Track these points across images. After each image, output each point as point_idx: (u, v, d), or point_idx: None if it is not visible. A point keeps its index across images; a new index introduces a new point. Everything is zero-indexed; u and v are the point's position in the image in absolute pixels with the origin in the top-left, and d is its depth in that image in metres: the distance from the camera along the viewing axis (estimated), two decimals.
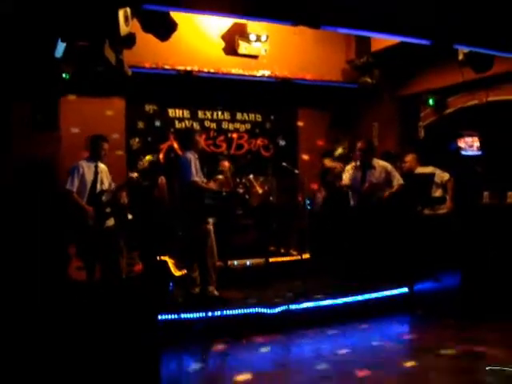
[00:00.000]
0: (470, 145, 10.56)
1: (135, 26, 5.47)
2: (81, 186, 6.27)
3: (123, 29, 4.55)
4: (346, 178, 7.26)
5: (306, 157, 9.78)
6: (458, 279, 7.03)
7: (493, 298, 6.66)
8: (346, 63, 9.06)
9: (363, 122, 9.69)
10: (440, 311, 6.68)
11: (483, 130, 9.44)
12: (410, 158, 7.78)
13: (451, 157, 9.87)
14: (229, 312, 6.06)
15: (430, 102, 8.86)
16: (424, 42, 5.86)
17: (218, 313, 6.00)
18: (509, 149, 8.41)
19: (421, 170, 7.67)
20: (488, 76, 7.11)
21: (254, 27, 8.02)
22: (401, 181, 7.13)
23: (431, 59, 8.19)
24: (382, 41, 8.34)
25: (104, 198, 6.38)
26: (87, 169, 6.35)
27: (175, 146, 8.94)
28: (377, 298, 6.81)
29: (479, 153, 10.16)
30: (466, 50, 6.64)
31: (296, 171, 8.33)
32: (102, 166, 6.52)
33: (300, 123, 9.94)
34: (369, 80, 8.71)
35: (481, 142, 10.08)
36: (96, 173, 6.38)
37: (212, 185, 6.68)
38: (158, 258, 7.59)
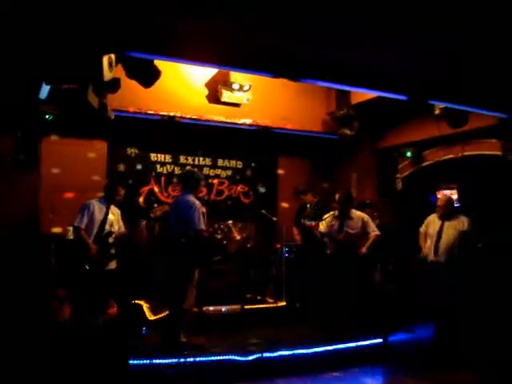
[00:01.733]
0: None
1: (120, 71, 5.61)
2: (89, 224, 6.45)
3: (107, 74, 4.65)
4: (324, 226, 7.34)
5: (285, 204, 9.89)
6: (431, 331, 7.07)
7: (467, 349, 6.69)
8: (327, 114, 9.26)
9: (342, 171, 9.86)
10: (413, 363, 6.68)
11: (460, 183, 9.66)
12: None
13: (428, 208, 10.03)
14: (202, 359, 6.00)
15: (408, 154, 9.07)
16: (400, 97, 6.04)
17: (190, 359, 5.94)
18: (486, 201, 8.58)
19: None
20: (464, 131, 7.34)
21: (237, 76, 8.21)
22: (376, 231, 7.22)
23: (409, 113, 8.46)
24: (361, 94, 8.55)
25: (110, 239, 6.48)
26: (98, 208, 6.54)
27: (155, 189, 9.00)
28: (351, 348, 6.79)
29: (458, 205, 10.35)
30: (441, 105, 6.87)
31: (274, 219, 8.40)
32: (114, 209, 6.75)
33: (280, 171, 10.08)
34: (348, 132, 8.88)
35: (459, 195, 10.29)
36: (106, 214, 6.58)
37: None
38: (132, 301, 7.54)
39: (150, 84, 5.48)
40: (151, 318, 7.23)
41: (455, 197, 10.45)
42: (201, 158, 9.45)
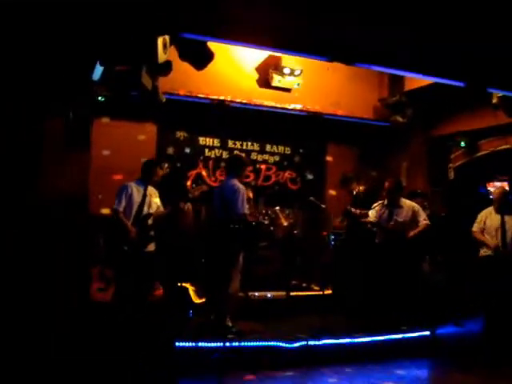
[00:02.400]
0: None
1: (172, 54, 5.58)
2: (128, 206, 6.37)
3: (161, 56, 4.63)
4: (373, 215, 7.20)
5: (333, 192, 9.76)
6: (481, 325, 6.90)
7: None
8: (378, 101, 9.06)
9: (392, 159, 9.65)
10: (462, 357, 6.53)
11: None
12: None
13: (479, 200, 9.76)
14: (247, 344, 5.99)
15: (462, 143, 8.80)
16: (457, 83, 5.84)
17: (235, 344, 5.94)
18: None
19: None
20: None
21: (289, 61, 8.10)
22: (427, 220, 7.04)
23: (464, 101, 8.16)
24: (415, 80, 8.34)
25: (150, 221, 6.46)
26: (136, 191, 6.45)
27: (203, 173, 9.01)
28: (397, 339, 6.69)
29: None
30: (499, 93, 6.62)
31: (323, 206, 8.29)
32: (151, 189, 6.64)
33: (329, 158, 9.95)
34: (400, 119, 8.68)
35: (510, 187, 9.98)
36: (144, 195, 6.48)
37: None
38: (178, 284, 7.58)
39: (202, 66, 5.45)
40: (197, 301, 7.25)
41: (507, 189, 10.18)
42: (249, 143, 9.40)
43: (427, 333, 6.87)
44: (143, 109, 7.93)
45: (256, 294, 7.49)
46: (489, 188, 10.32)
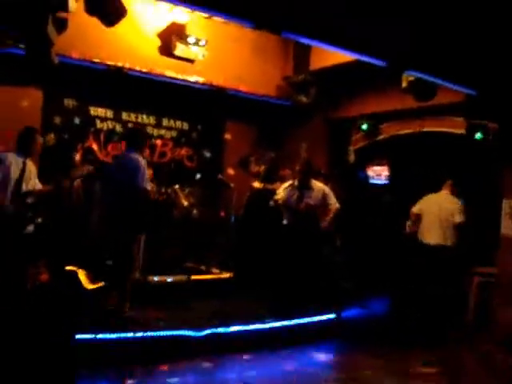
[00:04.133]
0: (378, 174, 10.75)
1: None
2: (3, 181, 5.37)
3: (72, 3, 3.95)
4: (282, 196, 6.93)
5: (231, 171, 9.37)
6: (384, 306, 6.96)
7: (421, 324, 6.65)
8: (282, 79, 8.80)
9: (292, 140, 9.46)
10: (366, 338, 6.54)
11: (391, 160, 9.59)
12: None
13: (360, 184, 9.93)
14: (151, 334, 5.49)
15: (363, 126, 8.78)
16: (379, 62, 5.67)
17: (139, 334, 5.41)
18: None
19: None
20: (428, 106, 7.10)
21: (194, 29, 7.58)
22: (337, 204, 6.90)
23: (369, 84, 8.15)
24: (321, 59, 8.20)
25: (30, 199, 5.58)
26: (15, 163, 5.48)
27: (94, 147, 8.24)
28: (304, 324, 6.57)
29: (387, 182, 10.33)
30: (413, 76, 6.56)
31: (232, 185, 7.91)
32: (30, 163, 5.71)
33: (228, 136, 9.53)
34: (304, 99, 8.48)
35: (389, 171, 10.25)
36: (23, 170, 5.51)
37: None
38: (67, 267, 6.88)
39: (113, 22, 4.79)
40: (89, 287, 6.56)
41: (386, 173, 10.46)
42: (144, 116, 8.71)
43: (333, 316, 6.78)
44: (27, 71, 7.00)
45: (155, 278, 6.95)
46: (368, 172, 10.52)
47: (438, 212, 7.39)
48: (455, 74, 6.15)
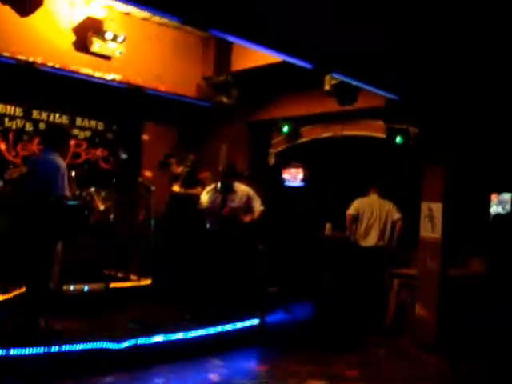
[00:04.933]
0: (294, 176, 10.83)
1: None
2: None
3: None
4: (205, 200, 6.75)
5: (148, 173, 9.04)
6: (310, 310, 6.93)
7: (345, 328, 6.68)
8: (203, 79, 8.60)
9: (212, 142, 9.27)
10: (290, 344, 6.47)
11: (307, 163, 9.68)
12: None
13: (281, 187, 9.95)
14: (68, 348, 5.13)
15: (284, 129, 8.74)
16: (306, 64, 5.61)
17: (54, 349, 5.04)
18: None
19: None
20: (351, 110, 7.14)
21: (112, 25, 7.23)
22: (262, 207, 6.80)
23: (291, 87, 8.13)
24: (243, 61, 8.10)
25: None
26: None
27: (1, 147, 7.68)
28: (228, 331, 6.38)
29: (302, 184, 10.43)
30: (336, 79, 6.57)
31: (152, 188, 7.60)
32: None
33: (145, 137, 9.20)
34: (225, 100, 8.32)
35: (305, 174, 10.34)
36: None
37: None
38: None
39: (28, 12, 4.42)
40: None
41: (301, 176, 10.56)
42: (57, 115, 8.19)
43: (257, 321, 6.66)
44: None
45: (71, 287, 6.55)
46: (284, 175, 10.57)
47: (377, 212, 7.67)
48: (379, 79, 6.22)
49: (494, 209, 12.96)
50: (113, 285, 6.96)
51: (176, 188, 7.53)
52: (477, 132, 7.28)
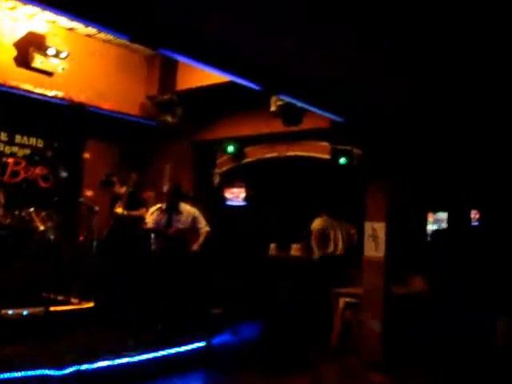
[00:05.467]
0: (236, 195, 10.88)
1: None
2: None
3: None
4: (150, 220, 6.63)
5: (90, 193, 8.82)
6: (257, 332, 6.88)
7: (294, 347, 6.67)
8: (147, 98, 8.49)
9: (157, 161, 9.18)
10: (238, 367, 6.39)
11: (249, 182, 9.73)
12: None
13: (222, 207, 9.95)
14: (6, 375, 4.89)
15: (229, 149, 8.72)
16: (254, 85, 5.64)
17: None
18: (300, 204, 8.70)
19: None
20: (296, 130, 7.23)
21: (54, 41, 7.03)
22: (207, 227, 6.75)
23: (236, 107, 8.15)
24: (187, 80, 8.06)
25: None
26: None
27: None
28: (174, 354, 6.24)
29: (245, 203, 10.48)
30: (282, 100, 6.63)
31: (96, 208, 7.40)
32: None
33: (87, 155, 8.99)
34: (170, 119, 8.23)
35: (247, 193, 10.41)
36: None
37: None
38: None
39: None
40: None
41: (243, 195, 10.63)
42: None
43: (203, 344, 6.56)
44: None
45: (10, 311, 6.27)
46: (226, 194, 10.58)
47: (338, 227, 8.06)
48: (324, 101, 6.32)
49: (430, 227, 13.46)
50: (53, 308, 6.71)
51: (119, 210, 7.33)
52: (416, 155, 7.52)
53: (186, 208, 6.78)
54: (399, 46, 4.94)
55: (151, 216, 6.68)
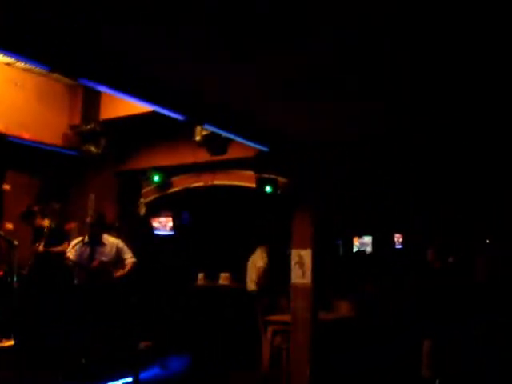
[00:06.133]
0: (163, 225, 10.81)
1: None
2: None
3: None
4: (72, 254, 6.45)
5: (10, 226, 8.48)
6: (186, 364, 6.77)
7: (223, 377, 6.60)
8: (70, 128, 8.32)
9: (80, 192, 8.96)
10: None
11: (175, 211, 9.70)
12: None
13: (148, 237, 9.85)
14: None
15: (155, 179, 8.63)
16: (178, 116, 5.65)
17: None
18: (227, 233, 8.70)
19: None
20: (222, 160, 7.29)
21: None
22: (133, 258, 6.63)
23: (161, 136, 8.13)
24: (112, 110, 7.96)
25: None
26: None
27: None
28: None
29: (172, 233, 10.43)
30: (208, 130, 6.67)
31: (16, 242, 7.10)
32: None
33: (7, 187, 8.65)
34: (93, 149, 8.07)
35: (174, 223, 10.36)
36: None
37: None
38: None
39: None
40: None
41: (170, 224, 10.58)
42: None
43: (130, 379, 6.40)
44: None
45: None
46: (153, 224, 10.49)
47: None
48: (249, 131, 6.40)
49: (356, 250, 13.86)
50: None
51: (40, 248, 7.12)
52: (339, 182, 7.72)
53: (110, 239, 6.66)
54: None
55: (73, 249, 6.50)
